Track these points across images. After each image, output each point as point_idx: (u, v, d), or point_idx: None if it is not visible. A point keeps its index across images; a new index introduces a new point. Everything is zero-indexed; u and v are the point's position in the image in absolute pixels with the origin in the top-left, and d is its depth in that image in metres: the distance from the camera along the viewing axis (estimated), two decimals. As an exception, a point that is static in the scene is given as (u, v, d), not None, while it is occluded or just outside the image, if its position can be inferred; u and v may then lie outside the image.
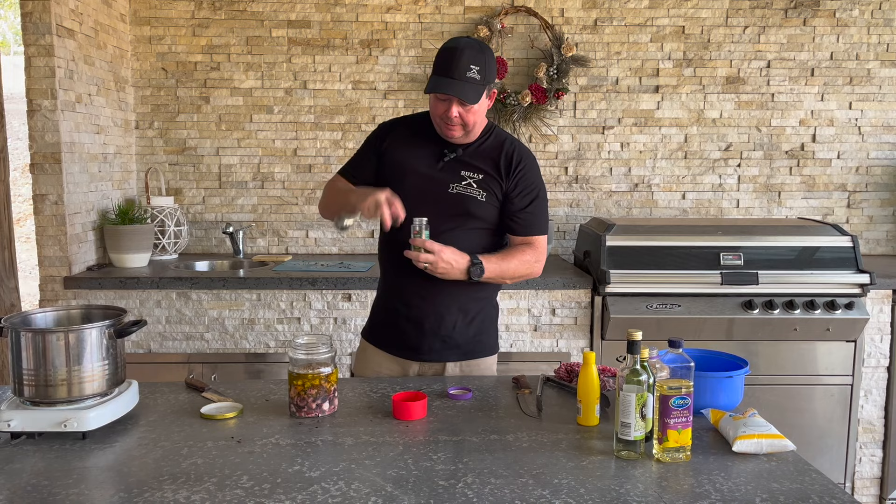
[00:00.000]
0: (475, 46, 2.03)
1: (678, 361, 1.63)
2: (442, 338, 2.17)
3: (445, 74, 2.00)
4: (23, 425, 1.64)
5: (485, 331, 2.25)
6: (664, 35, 3.90)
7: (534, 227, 2.18)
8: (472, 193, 2.11)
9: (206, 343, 3.24)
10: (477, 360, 2.23)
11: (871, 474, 3.42)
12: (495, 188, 2.13)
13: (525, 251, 2.15)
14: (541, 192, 2.19)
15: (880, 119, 3.98)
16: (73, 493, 1.40)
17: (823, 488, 1.43)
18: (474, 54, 2.00)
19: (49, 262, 3.19)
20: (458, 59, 1.98)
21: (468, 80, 1.99)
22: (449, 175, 2.13)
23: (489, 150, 2.15)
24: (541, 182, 2.20)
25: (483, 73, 2.01)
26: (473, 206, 2.12)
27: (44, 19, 3.06)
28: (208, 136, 3.90)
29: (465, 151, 2.14)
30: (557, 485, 1.43)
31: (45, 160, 3.15)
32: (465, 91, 1.99)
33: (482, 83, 2.02)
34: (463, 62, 1.98)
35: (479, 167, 2.13)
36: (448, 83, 1.99)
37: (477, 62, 2.00)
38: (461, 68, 1.98)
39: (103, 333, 1.71)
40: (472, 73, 1.99)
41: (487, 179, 2.13)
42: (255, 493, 1.40)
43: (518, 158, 2.15)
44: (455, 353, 2.20)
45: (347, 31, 3.85)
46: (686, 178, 3.99)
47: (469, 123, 2.06)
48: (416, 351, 2.19)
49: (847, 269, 3.24)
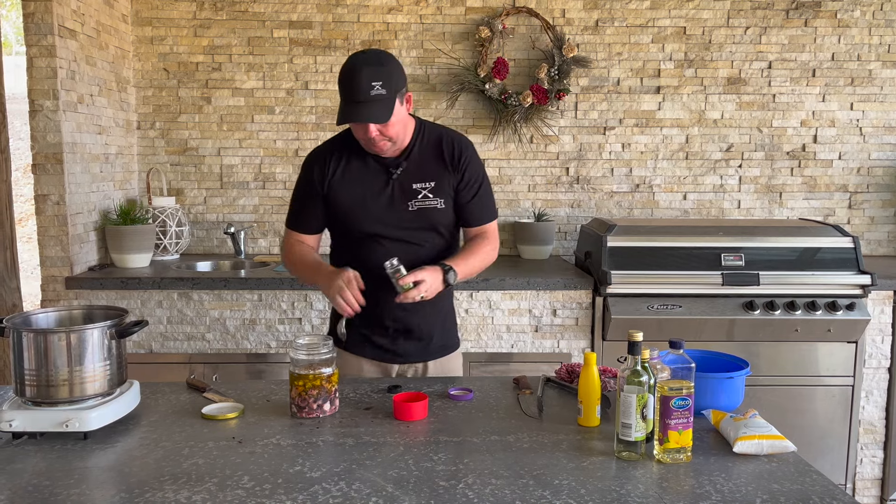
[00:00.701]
0: (373, 60, 1.96)
1: (679, 362, 1.63)
2: (423, 341, 2.21)
3: (350, 99, 1.93)
4: (24, 425, 1.64)
5: (451, 326, 2.31)
6: (665, 36, 3.90)
7: (484, 215, 2.20)
8: (430, 204, 2.11)
9: (208, 343, 3.24)
10: (452, 355, 2.30)
11: (871, 475, 3.42)
12: (448, 189, 2.13)
13: (482, 244, 2.18)
14: (484, 178, 2.20)
15: (881, 120, 3.97)
16: (75, 494, 1.40)
17: (824, 489, 1.43)
18: (373, 70, 1.92)
19: (51, 263, 3.20)
20: (358, 81, 1.91)
21: (374, 99, 1.92)
22: (403, 193, 2.11)
23: (430, 150, 2.13)
24: (482, 167, 2.21)
25: (388, 85, 1.93)
26: (436, 217, 2.13)
27: (46, 20, 3.06)
28: (210, 136, 3.90)
29: (409, 161, 2.11)
30: (558, 485, 1.44)
31: (47, 160, 3.15)
32: (372, 112, 1.93)
33: (390, 96, 1.94)
34: (364, 82, 1.91)
35: (427, 173, 2.11)
36: (354, 109, 1.93)
37: (378, 77, 1.92)
38: (363, 89, 1.91)
39: (105, 334, 1.72)
40: (375, 90, 1.91)
41: (440, 185, 2.12)
42: (256, 494, 1.40)
43: (460, 150, 2.14)
44: (432, 352, 2.24)
45: (349, 31, 3.85)
46: (687, 179, 3.99)
47: (393, 136, 2.02)
48: (398, 355, 2.22)
49: (848, 269, 3.24)
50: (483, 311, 3.26)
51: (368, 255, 2.10)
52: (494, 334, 3.27)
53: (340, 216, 2.15)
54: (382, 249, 2.08)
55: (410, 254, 2.07)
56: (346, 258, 2.15)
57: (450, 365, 2.29)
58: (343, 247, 2.21)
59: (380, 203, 2.11)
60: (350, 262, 2.10)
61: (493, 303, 3.26)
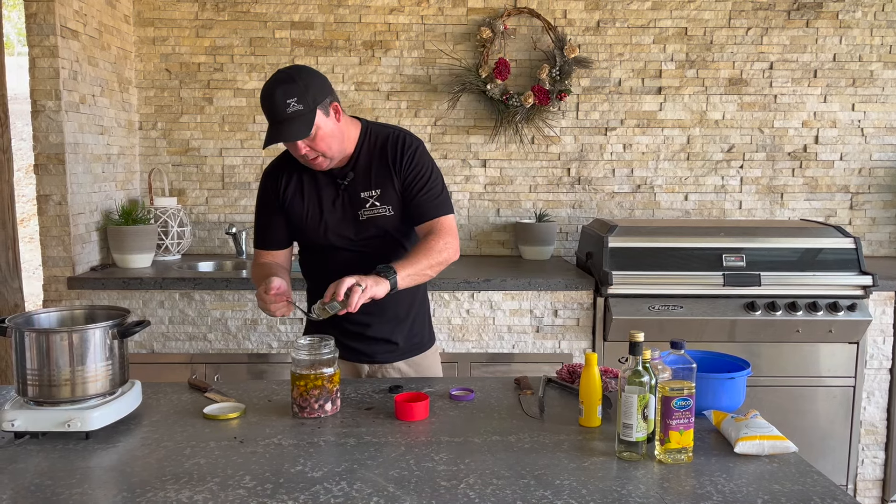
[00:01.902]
0: (284, 78, 1.93)
1: (680, 363, 1.63)
2: (390, 343, 2.21)
3: (272, 120, 1.93)
4: (26, 425, 1.64)
5: (421, 327, 2.29)
6: (667, 36, 3.90)
7: (431, 210, 2.10)
8: (379, 212, 2.09)
9: (209, 343, 3.24)
10: (426, 353, 2.29)
11: (873, 476, 3.42)
12: (394, 193, 2.09)
13: (430, 241, 2.04)
14: (432, 172, 2.12)
15: (883, 121, 3.97)
16: (77, 493, 1.40)
17: (825, 490, 1.43)
18: (286, 87, 1.90)
19: (53, 263, 3.20)
20: (273, 102, 1.90)
21: (291, 117, 1.90)
22: (352, 204, 2.10)
23: (374, 155, 2.10)
24: (430, 162, 2.13)
25: (304, 100, 1.90)
26: (387, 223, 2.11)
27: (48, 20, 3.07)
28: (211, 136, 3.91)
29: (356, 170, 2.10)
30: (559, 486, 1.44)
31: (49, 161, 3.15)
32: (291, 130, 1.92)
33: (308, 110, 1.91)
34: (278, 102, 1.89)
35: (373, 181, 2.09)
36: (274, 130, 1.93)
37: (291, 93, 1.90)
38: (279, 108, 1.90)
39: (107, 334, 1.72)
40: (291, 107, 1.90)
41: (385, 191, 2.09)
42: (258, 494, 1.40)
43: (402, 150, 2.08)
44: (403, 352, 2.24)
45: (350, 32, 3.86)
46: (688, 180, 3.99)
47: (324, 150, 1.99)
48: (365, 354, 2.22)
49: (849, 270, 3.24)
50: (484, 312, 3.26)
51: (328, 264, 2.12)
52: (495, 335, 3.27)
53: (297, 230, 2.16)
54: (341, 258, 2.11)
55: (367, 261, 2.04)
56: (309, 266, 2.24)
57: (424, 363, 2.28)
58: (306, 256, 2.24)
59: (333, 216, 2.11)
60: (313, 270, 2.20)
61: (495, 303, 3.26)
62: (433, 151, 3.90)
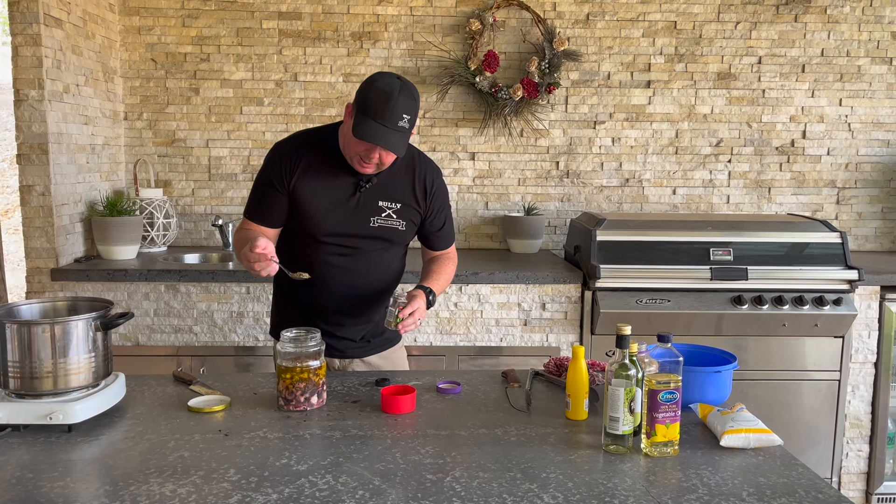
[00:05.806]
0: (409, 92, 1.93)
1: (667, 356, 1.63)
2: (359, 341, 2.25)
3: (377, 119, 1.89)
4: (8, 417, 1.63)
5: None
6: (656, 30, 3.90)
7: (449, 239, 2.32)
8: (392, 225, 2.13)
9: (195, 336, 3.22)
10: (394, 348, 2.34)
11: (857, 469, 3.45)
12: (413, 216, 2.18)
13: (447, 264, 2.28)
14: (448, 203, 2.29)
15: (870, 116, 3.99)
16: (59, 486, 1.39)
17: (810, 483, 1.44)
18: (408, 102, 1.91)
19: (36, 254, 3.17)
20: (392, 107, 1.88)
21: (398, 130, 1.91)
22: (367, 209, 2.11)
23: (401, 172, 2.14)
24: (448, 194, 2.28)
25: (413, 122, 1.93)
26: (395, 236, 2.16)
27: (31, 8, 3.02)
28: (198, 127, 3.87)
29: (379, 177, 2.10)
30: (545, 479, 1.44)
31: (33, 151, 3.12)
32: (394, 142, 1.91)
33: (410, 129, 1.94)
34: (398, 110, 1.89)
35: (396, 195, 2.13)
36: (378, 131, 1.89)
37: (409, 110, 1.91)
38: (395, 116, 1.89)
39: (90, 325, 1.70)
40: (403, 121, 1.90)
41: (405, 209, 2.15)
42: (242, 487, 1.39)
43: (431, 181, 2.18)
44: (373, 347, 2.29)
45: (339, 23, 3.83)
46: (677, 174, 4.00)
47: (386, 164, 2.01)
48: (335, 349, 2.22)
49: (835, 265, 3.26)
50: (472, 305, 3.26)
51: (314, 257, 2.12)
52: (483, 328, 3.27)
53: (298, 217, 2.11)
54: (331, 255, 2.12)
55: (360, 261, 2.12)
56: (290, 254, 2.14)
57: (393, 357, 2.33)
58: (290, 243, 2.18)
59: (342, 213, 2.10)
60: (293, 259, 2.10)
61: (483, 296, 3.25)
62: (421, 144, 3.89)
